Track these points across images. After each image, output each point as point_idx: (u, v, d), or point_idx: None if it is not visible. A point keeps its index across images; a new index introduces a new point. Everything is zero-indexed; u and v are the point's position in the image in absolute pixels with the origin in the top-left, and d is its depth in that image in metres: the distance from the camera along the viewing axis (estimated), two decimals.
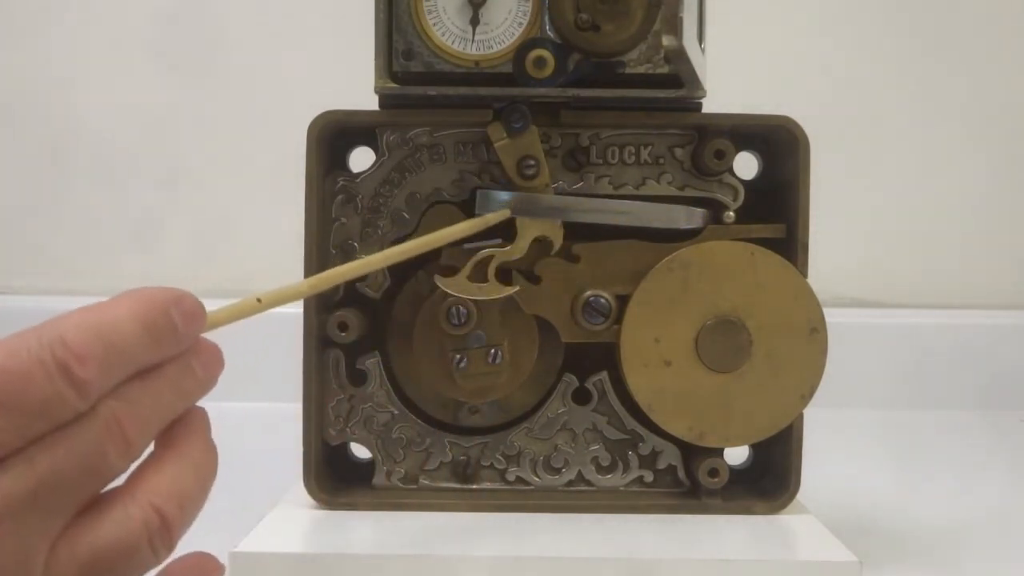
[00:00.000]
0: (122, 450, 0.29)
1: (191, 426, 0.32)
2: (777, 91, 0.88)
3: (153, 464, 0.31)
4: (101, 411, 0.28)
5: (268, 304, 0.36)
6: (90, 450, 0.28)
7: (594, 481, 0.55)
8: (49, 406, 0.27)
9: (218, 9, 0.98)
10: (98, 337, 0.28)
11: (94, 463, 0.28)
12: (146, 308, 0.30)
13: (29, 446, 0.27)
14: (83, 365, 0.27)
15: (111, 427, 0.29)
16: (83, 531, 0.29)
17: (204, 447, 0.32)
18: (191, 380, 0.31)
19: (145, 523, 0.29)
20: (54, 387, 0.27)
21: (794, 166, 0.53)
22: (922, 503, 0.65)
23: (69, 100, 0.99)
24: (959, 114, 0.99)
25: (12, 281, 1.00)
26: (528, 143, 0.52)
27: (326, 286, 0.42)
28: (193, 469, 0.31)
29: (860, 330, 0.94)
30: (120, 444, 0.29)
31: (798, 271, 0.52)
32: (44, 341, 0.27)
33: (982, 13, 0.98)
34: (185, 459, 0.31)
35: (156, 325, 0.30)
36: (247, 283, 1.00)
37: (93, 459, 0.28)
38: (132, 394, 0.29)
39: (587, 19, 0.50)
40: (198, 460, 0.32)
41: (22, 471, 0.27)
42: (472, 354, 0.52)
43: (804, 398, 0.52)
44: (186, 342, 0.31)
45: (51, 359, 0.27)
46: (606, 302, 0.53)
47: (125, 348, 0.29)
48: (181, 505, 0.30)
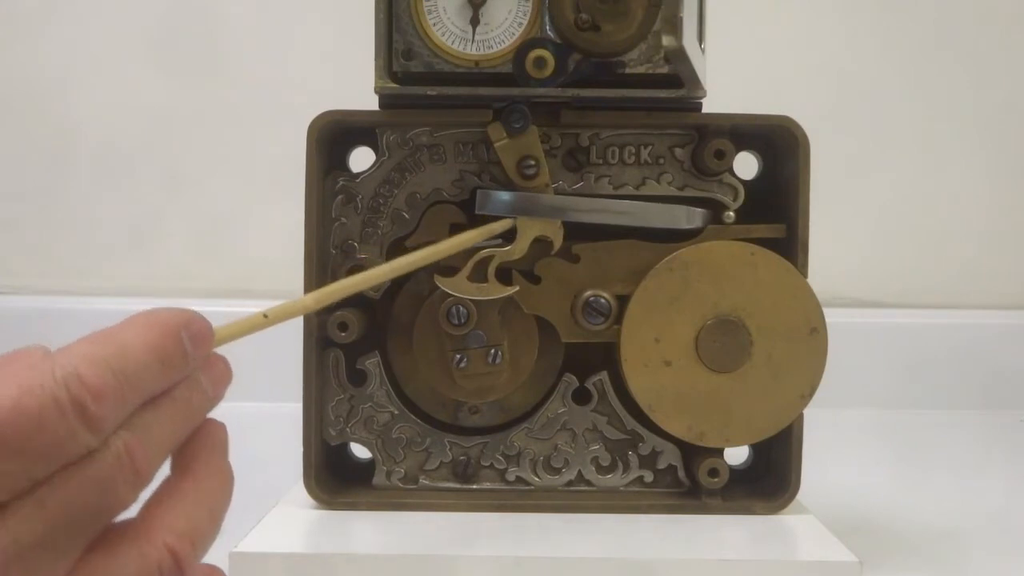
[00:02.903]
0: (132, 482, 0.28)
1: (209, 448, 0.32)
2: (777, 91, 0.89)
3: (168, 497, 0.30)
4: (112, 444, 0.28)
5: (274, 319, 0.36)
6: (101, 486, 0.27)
7: (594, 481, 0.55)
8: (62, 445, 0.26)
9: (218, 9, 0.98)
10: (112, 371, 0.27)
11: (105, 499, 0.28)
12: (157, 335, 0.29)
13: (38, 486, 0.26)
14: (98, 402, 0.27)
15: (122, 460, 0.28)
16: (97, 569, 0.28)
17: (220, 475, 0.32)
18: (199, 398, 0.31)
19: (160, 565, 0.29)
20: (68, 426, 0.26)
21: (794, 166, 0.53)
22: (922, 503, 0.65)
23: (69, 100, 0.99)
24: (959, 114, 0.99)
25: (12, 281, 1.00)
26: (528, 143, 0.52)
27: (330, 300, 0.43)
28: (208, 503, 0.31)
29: (860, 330, 0.94)
30: (131, 476, 0.28)
31: (798, 271, 0.52)
32: (58, 376, 0.27)
33: (983, 12, 0.98)
34: (200, 492, 0.31)
35: (167, 352, 0.29)
36: (247, 283, 1.01)
37: (104, 495, 0.28)
38: (142, 422, 0.29)
39: (587, 19, 0.50)
40: (214, 494, 0.31)
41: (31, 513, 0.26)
42: (472, 354, 0.52)
43: (804, 398, 0.52)
44: (196, 364, 0.31)
45: (66, 397, 0.26)
46: (606, 302, 0.53)
47: (138, 379, 0.28)
48: (195, 543, 0.30)
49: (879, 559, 0.51)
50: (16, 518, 0.26)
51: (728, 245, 0.52)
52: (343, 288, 0.43)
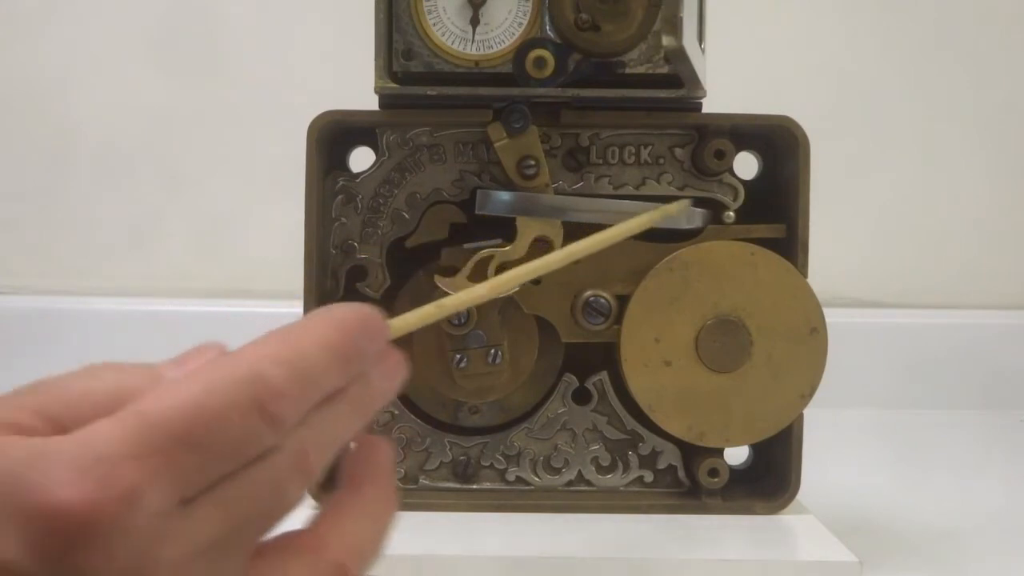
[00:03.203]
0: (302, 483, 0.28)
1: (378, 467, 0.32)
2: (777, 91, 0.89)
3: (339, 514, 0.31)
4: (287, 445, 0.28)
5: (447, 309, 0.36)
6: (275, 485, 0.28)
7: (594, 481, 0.55)
8: (244, 444, 0.27)
9: (218, 9, 0.98)
10: (294, 371, 0.27)
11: (277, 499, 0.28)
12: (338, 335, 0.29)
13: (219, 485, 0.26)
14: (279, 401, 0.27)
15: (296, 460, 0.28)
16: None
17: (387, 494, 0.32)
18: (370, 395, 0.31)
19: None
20: (250, 425, 0.26)
21: (794, 166, 0.53)
22: (922, 503, 0.65)
23: (69, 100, 0.99)
24: (959, 114, 0.99)
25: (12, 281, 1.00)
26: (528, 143, 0.52)
27: (505, 288, 0.42)
28: (376, 525, 0.31)
29: (860, 330, 0.94)
30: (302, 477, 0.28)
31: (798, 271, 0.52)
32: (243, 376, 0.27)
33: (983, 12, 0.98)
34: (369, 510, 0.31)
35: (346, 352, 0.29)
36: (247, 283, 1.01)
37: (278, 494, 0.28)
38: (315, 422, 0.29)
39: (587, 19, 0.50)
40: (381, 514, 0.31)
41: (213, 511, 0.26)
42: (472, 354, 0.52)
43: (804, 398, 0.52)
44: (370, 362, 0.31)
45: (250, 397, 0.26)
46: (606, 302, 0.53)
47: (317, 378, 0.28)
48: (363, 561, 0.30)
49: (879, 559, 0.51)
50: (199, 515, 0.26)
51: (728, 245, 0.52)
52: (518, 276, 0.42)
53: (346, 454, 0.32)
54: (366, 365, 0.31)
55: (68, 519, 0.24)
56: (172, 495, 0.25)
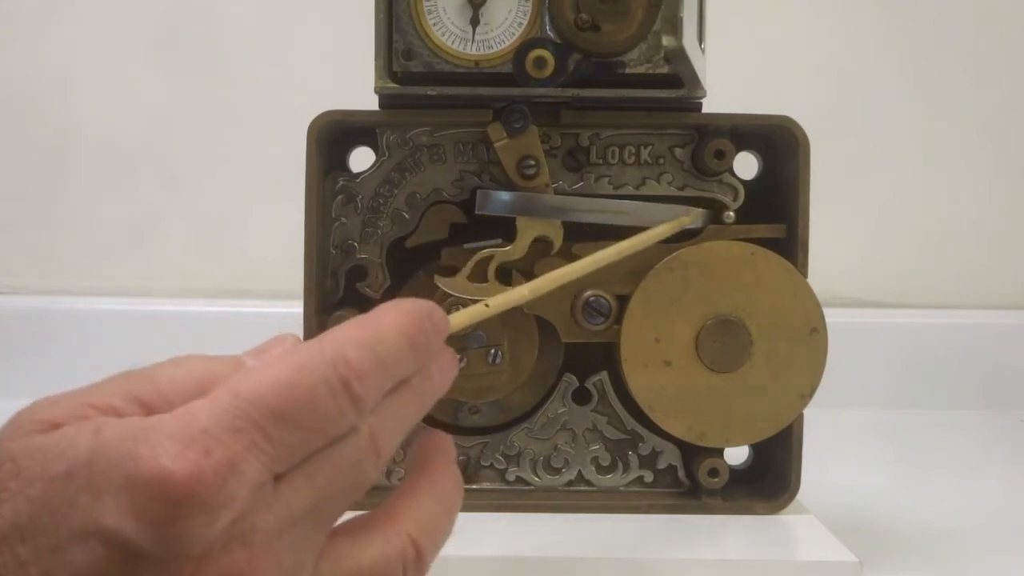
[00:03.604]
0: (376, 463, 0.30)
1: (441, 454, 0.34)
2: (777, 91, 0.89)
3: (410, 494, 0.32)
4: (363, 426, 0.29)
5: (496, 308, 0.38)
6: (354, 464, 0.29)
7: (594, 481, 0.55)
8: (331, 422, 0.28)
9: (218, 9, 0.98)
10: (374, 354, 0.29)
11: (357, 477, 0.29)
12: (409, 323, 0.31)
13: (307, 461, 0.28)
14: (362, 382, 0.28)
15: (372, 441, 0.29)
16: (347, 550, 0.29)
17: (454, 479, 0.33)
18: (430, 386, 0.32)
19: (403, 552, 0.30)
20: (337, 404, 0.28)
21: (794, 166, 0.53)
22: (922, 503, 0.65)
23: (69, 100, 0.99)
24: (960, 114, 0.99)
25: (12, 281, 1.00)
26: (528, 143, 0.52)
27: (545, 289, 0.44)
28: (444, 504, 0.33)
29: (860, 330, 0.94)
30: (375, 458, 0.30)
31: (798, 271, 0.52)
32: (328, 357, 0.28)
33: (983, 12, 0.98)
34: (438, 491, 0.33)
35: (417, 339, 0.31)
36: (247, 283, 1.01)
37: (357, 474, 0.29)
38: (385, 407, 0.30)
39: (587, 19, 0.50)
40: (449, 495, 0.33)
41: (303, 486, 0.28)
42: (472, 354, 0.52)
43: (804, 398, 0.52)
44: (435, 354, 0.32)
45: (335, 376, 0.28)
46: (606, 302, 0.53)
47: (394, 363, 0.30)
48: (434, 539, 0.31)
49: (879, 559, 0.51)
50: (291, 488, 0.28)
51: (728, 245, 0.52)
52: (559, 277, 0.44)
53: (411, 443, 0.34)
54: (432, 357, 0.32)
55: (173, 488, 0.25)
56: (268, 467, 0.27)
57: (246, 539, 0.26)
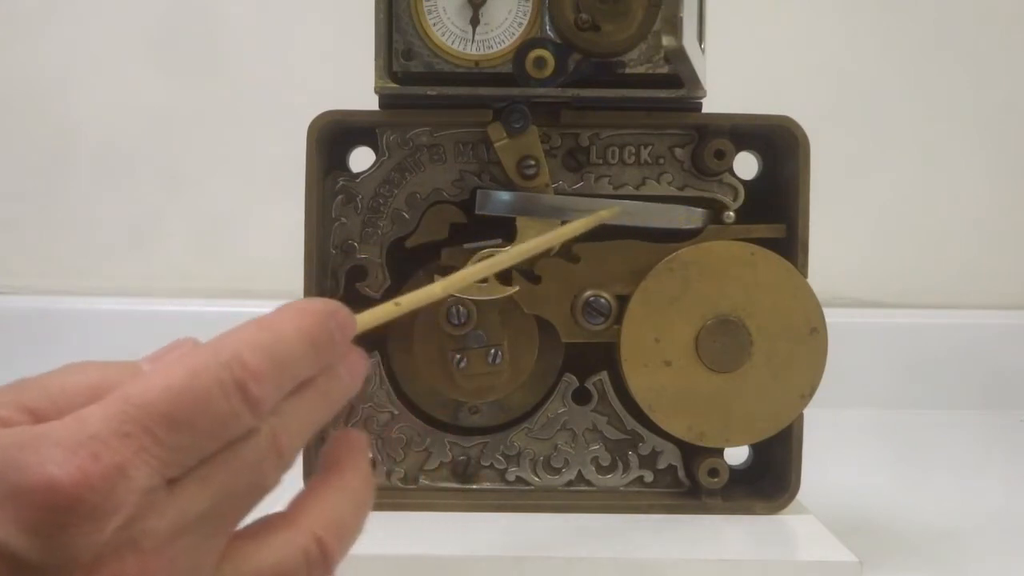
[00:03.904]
0: (277, 464, 0.29)
1: (353, 452, 0.33)
2: (777, 91, 0.89)
3: (316, 492, 0.31)
4: (264, 428, 0.29)
5: (406, 307, 0.38)
6: (254, 467, 0.29)
7: (594, 481, 0.55)
8: (226, 425, 0.28)
9: (218, 9, 0.98)
10: (270, 355, 0.29)
11: (257, 479, 0.29)
12: (310, 323, 0.30)
13: (202, 464, 0.28)
14: (258, 384, 0.28)
15: (272, 443, 0.29)
16: (249, 552, 0.29)
17: (364, 477, 0.33)
18: (337, 387, 0.32)
19: (306, 552, 0.30)
20: (232, 406, 0.27)
21: (794, 166, 0.53)
22: (922, 503, 0.65)
23: (69, 100, 0.99)
24: (959, 114, 0.99)
25: (12, 281, 1.00)
26: (528, 143, 0.52)
27: (455, 288, 0.43)
28: (353, 501, 0.32)
29: (860, 330, 0.94)
30: (276, 459, 0.29)
31: (798, 271, 0.52)
32: (222, 360, 0.28)
33: (983, 12, 0.98)
34: (346, 490, 0.32)
35: (319, 340, 0.30)
36: (247, 283, 1.01)
37: (257, 476, 0.29)
38: (287, 408, 0.30)
39: (587, 19, 0.50)
40: (358, 491, 0.32)
41: (197, 490, 0.27)
42: (472, 354, 0.52)
43: (804, 398, 0.52)
44: (340, 353, 0.32)
45: (230, 378, 0.28)
46: (606, 302, 0.53)
47: (293, 364, 0.29)
48: (340, 537, 0.31)
49: (879, 559, 0.51)
50: (185, 493, 0.27)
51: (728, 245, 0.52)
52: (471, 274, 0.44)
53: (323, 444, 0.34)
54: (335, 357, 0.32)
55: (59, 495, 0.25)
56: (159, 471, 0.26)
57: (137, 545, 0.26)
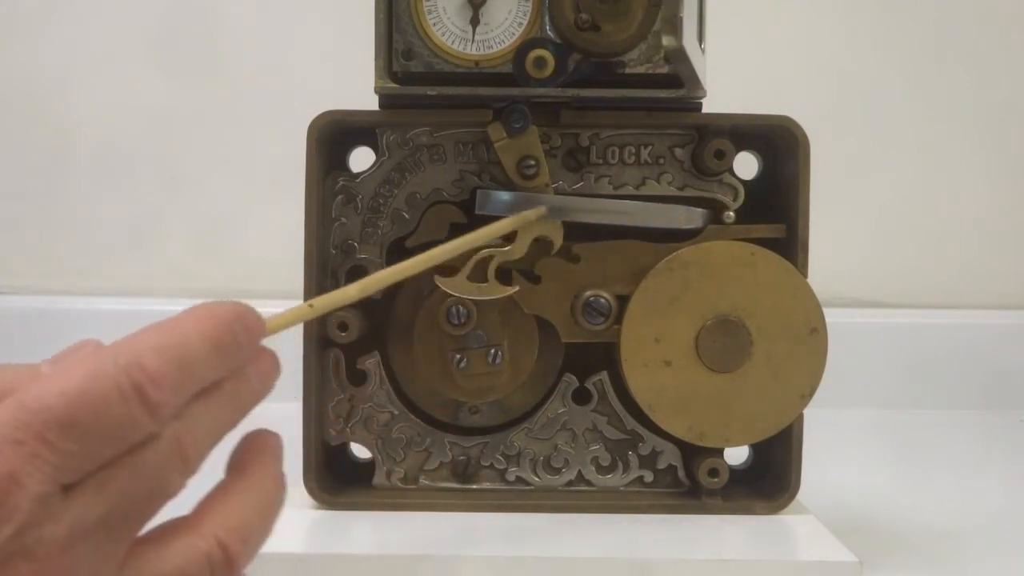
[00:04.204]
0: (182, 469, 0.29)
1: (263, 455, 0.33)
2: (777, 91, 0.89)
3: (221, 495, 0.31)
4: (166, 433, 0.29)
5: (320, 308, 0.37)
6: (156, 472, 0.28)
7: (594, 481, 0.55)
8: (124, 430, 0.27)
9: (218, 9, 0.98)
10: (171, 358, 0.28)
11: (159, 485, 0.29)
12: (213, 326, 0.30)
13: (100, 470, 0.27)
14: (158, 388, 0.28)
15: (172, 448, 0.29)
16: (149, 557, 0.29)
17: (273, 479, 0.32)
18: (247, 390, 0.32)
19: (209, 555, 0.29)
20: (130, 411, 0.27)
21: (794, 166, 0.53)
22: (922, 503, 0.65)
23: (69, 100, 0.99)
24: (960, 114, 0.99)
25: (12, 281, 1.00)
26: (528, 143, 0.52)
27: (375, 289, 0.42)
28: (260, 504, 0.32)
29: (860, 330, 0.94)
30: (180, 464, 0.29)
31: (798, 271, 0.52)
32: (121, 364, 0.27)
33: (983, 12, 0.98)
34: (253, 492, 0.32)
35: (223, 343, 0.30)
36: (247, 283, 1.01)
37: (158, 481, 0.29)
38: (193, 412, 0.30)
39: (587, 19, 0.50)
40: (266, 494, 0.32)
41: (95, 495, 0.27)
42: (472, 354, 0.52)
43: (804, 398, 0.52)
44: (247, 356, 0.31)
45: (128, 383, 0.27)
46: (606, 302, 0.53)
47: (195, 368, 0.29)
48: (245, 540, 0.30)
49: (879, 559, 0.51)
50: (81, 499, 0.27)
51: (728, 245, 0.52)
52: (385, 277, 0.43)
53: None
54: (243, 360, 0.31)
55: None
56: (53, 478, 0.26)
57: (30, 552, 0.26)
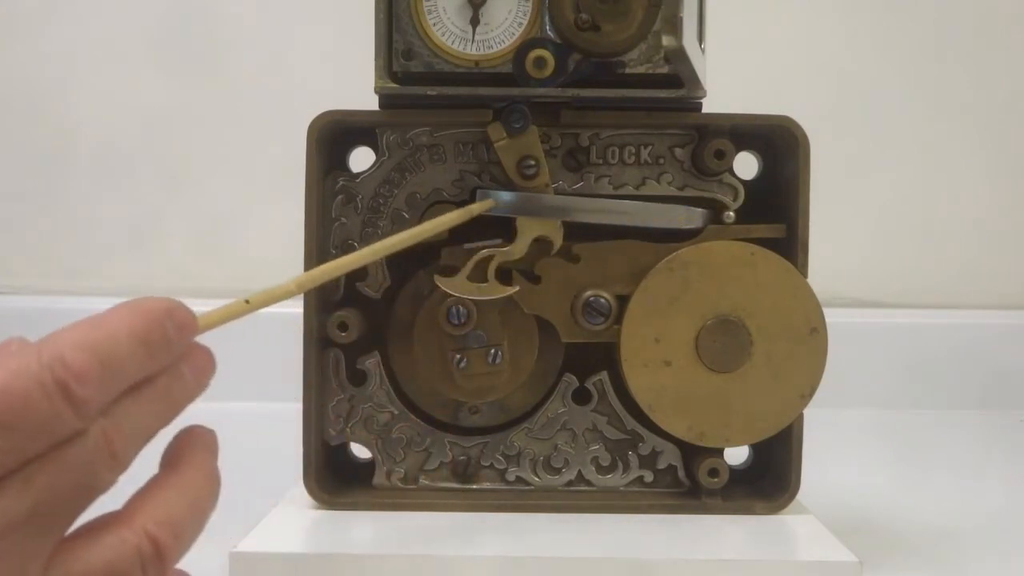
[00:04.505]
0: (110, 465, 0.29)
1: (196, 451, 0.32)
2: (777, 91, 0.89)
3: (152, 490, 0.31)
4: (94, 429, 0.28)
5: (256, 305, 0.36)
6: (83, 468, 0.28)
7: (594, 481, 0.55)
8: (48, 426, 0.27)
9: (218, 9, 0.98)
10: (96, 355, 0.28)
11: (86, 480, 0.28)
12: (142, 322, 0.30)
13: (25, 466, 0.27)
14: (82, 384, 0.27)
15: (100, 444, 0.28)
16: (77, 553, 0.29)
17: (206, 474, 0.32)
18: (181, 387, 0.31)
19: (138, 549, 0.29)
20: (53, 407, 0.27)
21: (794, 166, 0.53)
22: (922, 503, 0.65)
23: (69, 100, 0.99)
24: (960, 113, 0.99)
25: (12, 281, 1.00)
26: (528, 143, 0.52)
27: (312, 285, 0.42)
28: (192, 498, 0.31)
29: (860, 330, 0.94)
30: (109, 460, 0.29)
31: (798, 271, 0.52)
32: (44, 361, 0.27)
33: (983, 12, 0.98)
34: (185, 487, 0.31)
35: (151, 339, 0.30)
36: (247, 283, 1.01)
37: (85, 477, 0.28)
38: (122, 408, 0.29)
39: (587, 19, 0.50)
40: (198, 489, 0.32)
41: (19, 492, 0.27)
42: (472, 354, 0.52)
43: (804, 398, 0.52)
44: (178, 352, 0.31)
45: (51, 379, 0.27)
46: (606, 302, 0.53)
47: (122, 364, 0.29)
48: (176, 534, 0.30)
49: (879, 559, 0.51)
50: (5, 495, 0.27)
51: (728, 245, 0.52)
52: (325, 272, 0.42)
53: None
54: (173, 356, 0.31)
55: None
56: None
57: None
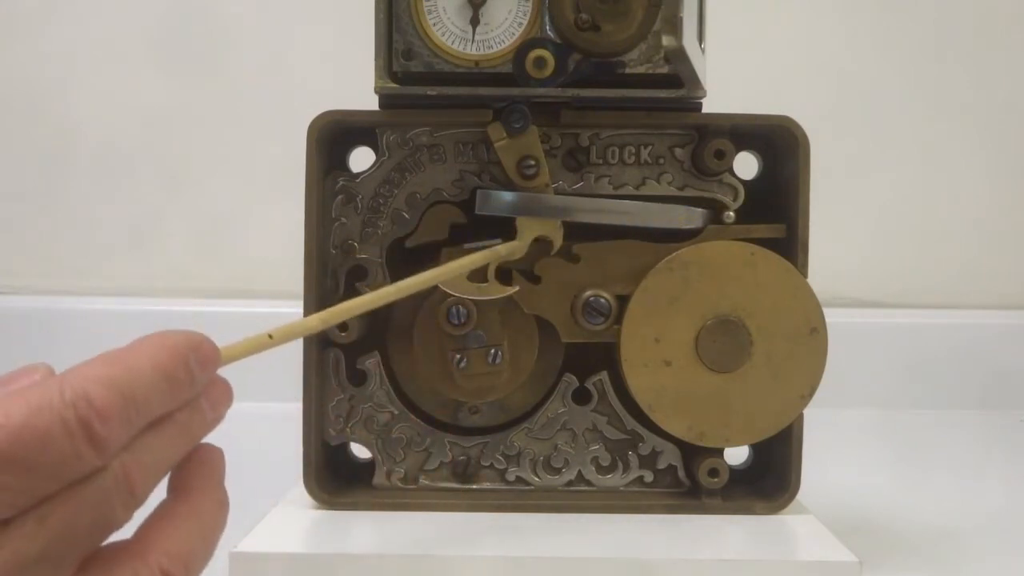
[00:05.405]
0: (127, 503, 0.29)
1: (206, 474, 0.32)
2: (777, 91, 0.89)
3: (164, 521, 0.31)
4: (113, 466, 0.28)
5: (279, 340, 0.37)
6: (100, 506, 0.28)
7: (594, 481, 0.55)
8: (67, 466, 0.27)
9: (218, 9, 0.98)
10: (120, 393, 0.28)
11: (103, 519, 0.28)
12: (167, 358, 0.29)
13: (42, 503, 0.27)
14: (105, 423, 0.27)
15: (119, 481, 0.28)
16: None
17: (216, 500, 0.32)
18: (199, 421, 0.31)
19: None
20: (74, 446, 0.27)
21: (794, 166, 0.53)
22: (922, 503, 0.65)
23: (69, 100, 0.99)
24: (960, 114, 0.99)
25: (12, 281, 1.00)
26: (528, 143, 0.52)
27: (336, 321, 0.42)
28: (204, 529, 0.31)
29: (860, 330, 0.94)
30: (127, 497, 0.29)
31: (798, 271, 0.52)
32: (67, 397, 0.27)
33: (983, 12, 0.98)
34: (196, 516, 0.31)
35: (176, 375, 0.30)
36: (247, 283, 1.01)
37: (102, 515, 0.28)
38: (142, 444, 0.29)
39: (587, 19, 0.50)
40: (210, 518, 0.32)
41: (33, 529, 0.27)
42: (472, 354, 0.52)
43: (804, 398, 0.52)
44: (200, 388, 0.31)
45: (74, 417, 0.27)
46: (606, 302, 0.53)
47: (145, 402, 0.29)
48: (188, 568, 0.30)
49: (879, 559, 0.51)
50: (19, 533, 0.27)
51: (728, 245, 0.52)
52: (349, 309, 0.43)
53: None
54: (196, 392, 0.31)
55: None
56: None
57: None
